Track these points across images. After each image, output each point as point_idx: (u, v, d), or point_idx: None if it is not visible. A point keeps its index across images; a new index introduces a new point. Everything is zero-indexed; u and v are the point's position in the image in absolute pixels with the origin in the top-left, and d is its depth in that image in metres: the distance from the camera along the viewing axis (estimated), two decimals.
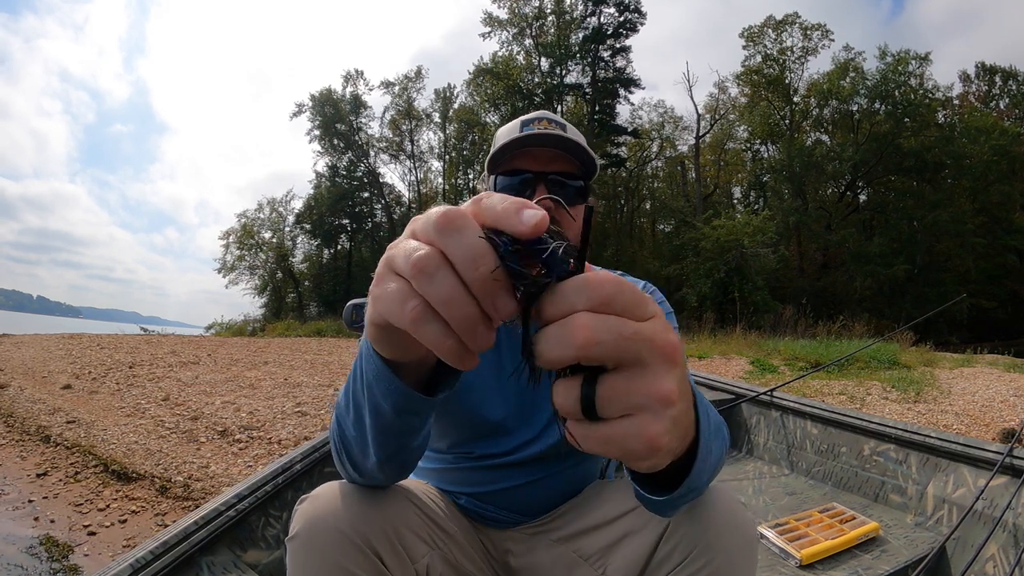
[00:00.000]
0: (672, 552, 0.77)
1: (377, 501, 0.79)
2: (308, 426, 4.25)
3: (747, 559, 0.77)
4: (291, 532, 0.75)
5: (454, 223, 0.37)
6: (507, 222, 0.36)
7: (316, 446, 1.70)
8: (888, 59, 25.78)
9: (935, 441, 1.89)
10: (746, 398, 2.72)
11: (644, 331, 0.36)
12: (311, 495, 0.79)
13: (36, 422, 4.16)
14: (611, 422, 0.36)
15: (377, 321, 0.44)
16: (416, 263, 0.37)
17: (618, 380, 0.36)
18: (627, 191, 32.15)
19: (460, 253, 0.36)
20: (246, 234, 29.02)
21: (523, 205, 0.37)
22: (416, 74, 31.54)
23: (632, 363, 0.36)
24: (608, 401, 0.36)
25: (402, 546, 0.78)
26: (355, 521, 0.74)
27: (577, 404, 0.36)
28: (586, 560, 0.91)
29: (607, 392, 0.36)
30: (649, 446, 0.36)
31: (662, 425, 0.36)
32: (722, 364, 8.51)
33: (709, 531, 0.75)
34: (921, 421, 4.96)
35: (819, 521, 1.80)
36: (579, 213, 1.02)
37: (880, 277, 23.22)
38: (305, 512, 0.76)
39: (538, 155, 1.03)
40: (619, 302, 0.36)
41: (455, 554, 0.90)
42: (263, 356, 8.70)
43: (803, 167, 25.97)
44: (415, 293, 0.37)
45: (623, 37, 28.16)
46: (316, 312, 26.36)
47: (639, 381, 0.36)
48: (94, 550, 2.40)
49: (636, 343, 0.36)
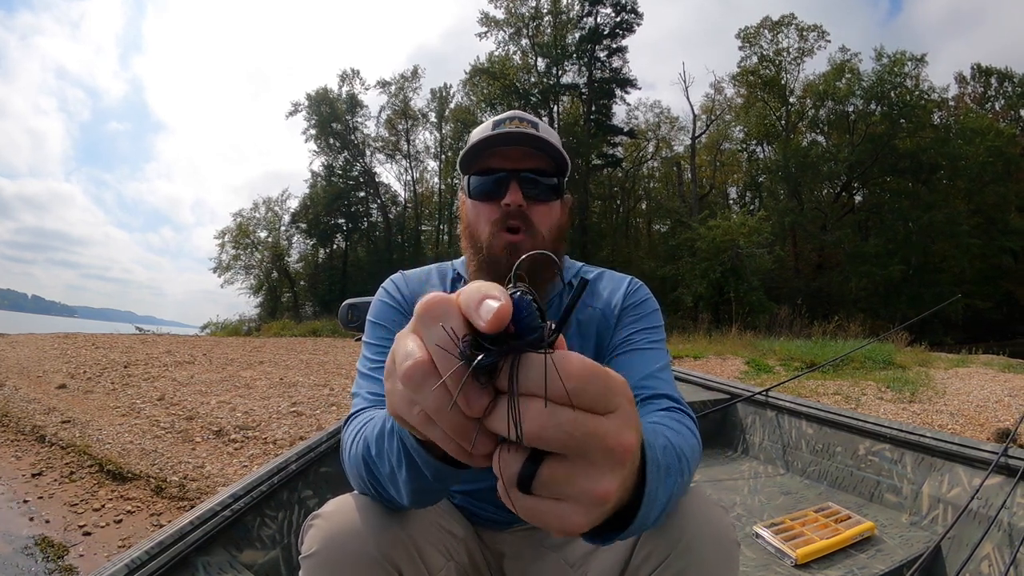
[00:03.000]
0: (648, 558, 0.76)
1: (395, 515, 0.77)
2: (304, 426, 4.24)
3: (725, 563, 0.75)
4: (307, 551, 0.73)
5: (431, 312, 0.37)
6: (471, 316, 0.35)
7: (312, 446, 1.70)
8: (884, 60, 25.91)
9: (930, 441, 1.90)
10: (741, 398, 2.73)
11: (599, 431, 0.35)
12: (325, 512, 0.77)
13: (31, 422, 4.14)
14: (542, 499, 0.36)
15: (395, 416, 0.43)
16: (404, 375, 0.36)
17: (560, 468, 0.35)
18: (623, 191, 32.21)
19: (432, 348, 0.36)
20: (242, 233, 28.97)
21: (484, 295, 0.35)
22: (412, 74, 31.59)
23: (578, 456, 0.35)
24: (545, 486, 0.36)
25: (422, 560, 0.78)
26: (377, 537, 0.73)
27: (514, 479, 0.36)
28: (571, 567, 0.90)
29: (546, 477, 0.35)
30: (568, 532, 0.37)
31: (588, 518, 0.37)
32: (718, 364, 8.53)
33: (684, 536, 0.74)
34: (916, 421, 4.98)
35: (814, 521, 1.80)
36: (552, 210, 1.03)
37: (875, 278, 23.31)
38: (322, 529, 0.74)
39: (510, 154, 1.02)
40: (584, 397, 0.34)
41: (464, 559, 0.90)
42: (258, 356, 8.68)
43: (799, 168, 26.06)
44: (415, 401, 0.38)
45: (619, 37, 28.23)
46: (312, 312, 26.32)
47: (580, 476, 0.36)
48: (89, 550, 2.39)
49: (588, 439, 0.35)
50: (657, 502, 0.52)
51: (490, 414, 0.35)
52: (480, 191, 1.03)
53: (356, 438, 0.76)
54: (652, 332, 1.02)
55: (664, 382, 0.92)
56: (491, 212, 1.01)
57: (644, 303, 1.07)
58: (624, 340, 1.01)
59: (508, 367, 0.34)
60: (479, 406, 0.35)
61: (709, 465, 2.53)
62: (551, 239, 1.03)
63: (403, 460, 0.61)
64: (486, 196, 1.02)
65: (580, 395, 0.34)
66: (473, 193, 1.04)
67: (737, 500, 2.11)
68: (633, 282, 1.12)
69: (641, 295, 1.09)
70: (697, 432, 0.79)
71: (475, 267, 1.04)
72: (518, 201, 0.99)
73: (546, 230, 1.02)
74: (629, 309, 1.05)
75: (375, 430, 0.69)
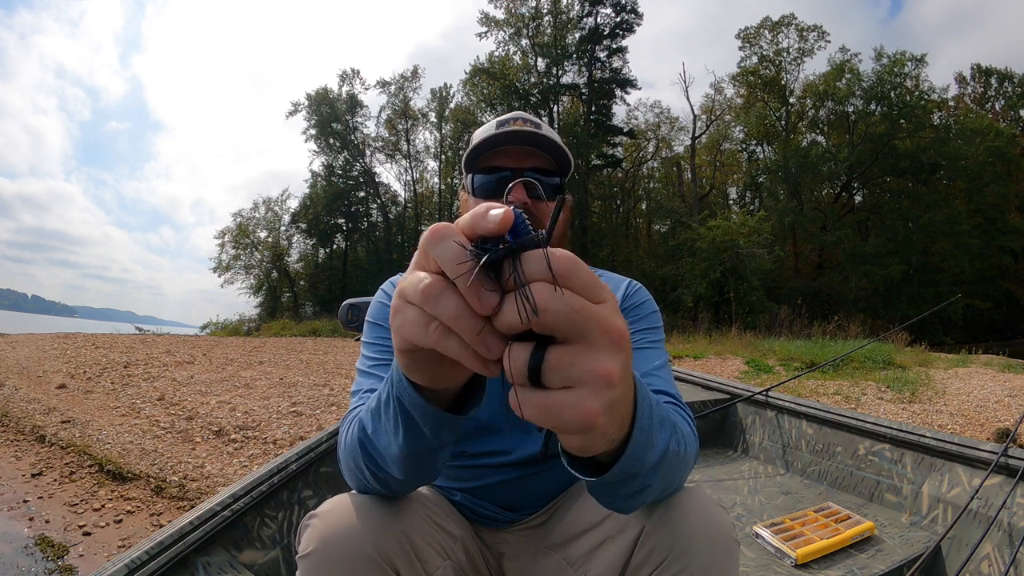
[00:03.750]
0: (648, 557, 0.76)
1: (392, 514, 0.77)
2: (304, 426, 4.24)
3: (725, 563, 0.76)
4: (304, 550, 0.73)
5: (437, 233, 0.40)
6: (478, 226, 0.39)
7: (311, 446, 1.70)
8: (884, 60, 25.90)
9: (930, 441, 1.90)
10: (742, 398, 2.73)
11: (594, 311, 0.39)
12: (321, 512, 0.77)
13: (31, 422, 4.14)
14: (552, 391, 0.39)
15: (405, 347, 0.46)
16: (424, 290, 0.40)
17: (565, 352, 0.38)
18: (623, 191, 32.21)
19: (442, 260, 0.40)
20: (242, 233, 28.95)
21: (488, 207, 0.40)
22: (412, 73, 31.59)
23: (580, 339, 0.39)
24: (553, 369, 0.38)
25: (418, 559, 0.78)
26: (373, 536, 0.73)
27: (525, 368, 0.39)
28: (571, 566, 0.91)
29: (554, 361, 0.38)
30: (583, 420, 0.39)
31: (599, 403, 0.39)
32: (718, 364, 8.53)
33: (683, 536, 0.74)
34: (916, 421, 4.98)
35: (814, 520, 1.80)
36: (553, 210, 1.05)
37: (875, 278, 23.30)
38: (318, 529, 0.74)
39: (513, 153, 1.04)
40: (575, 279, 0.39)
41: (461, 559, 0.89)
42: (258, 356, 8.68)
43: (799, 168, 26.05)
44: (432, 316, 0.40)
45: (620, 37, 28.21)
46: (311, 312, 26.30)
47: (584, 357, 0.39)
48: (89, 550, 2.39)
49: (586, 319, 0.38)
50: (650, 441, 0.55)
51: (499, 311, 0.38)
52: (483, 189, 1.05)
53: (351, 426, 0.78)
54: (651, 332, 1.04)
55: (663, 380, 0.93)
56: None
57: (643, 304, 1.09)
58: None
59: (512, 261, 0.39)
60: (490, 304, 0.38)
61: (709, 465, 2.53)
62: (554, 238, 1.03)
63: (400, 423, 0.63)
64: (489, 194, 1.04)
65: (572, 277, 0.38)
66: (476, 191, 1.05)
67: (737, 500, 2.11)
68: (632, 284, 1.13)
69: (640, 296, 1.11)
70: (695, 429, 0.80)
71: None
72: (522, 199, 1.00)
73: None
74: (628, 310, 1.07)
75: (370, 408, 0.71)
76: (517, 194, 1.00)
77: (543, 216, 1.03)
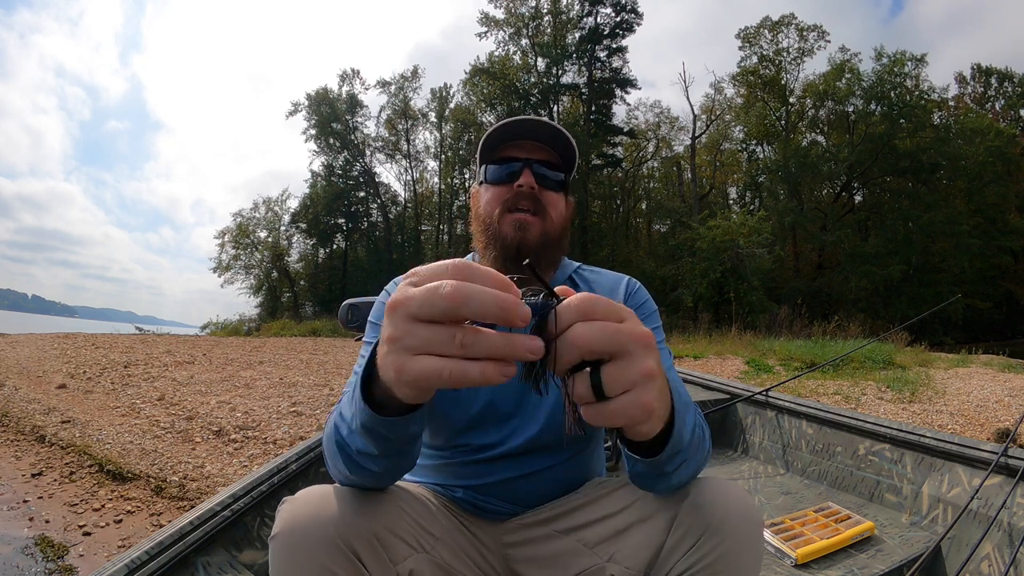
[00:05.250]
0: (684, 537, 0.81)
1: (360, 504, 0.79)
2: (304, 426, 4.24)
3: (754, 542, 0.81)
4: (273, 532, 0.76)
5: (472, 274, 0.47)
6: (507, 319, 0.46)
7: (311, 446, 1.70)
8: (884, 60, 25.88)
9: (930, 441, 1.90)
10: (741, 398, 2.73)
11: (624, 329, 0.50)
12: (293, 497, 0.79)
13: (31, 422, 4.14)
14: (615, 399, 0.50)
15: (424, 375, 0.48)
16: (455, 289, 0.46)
17: (615, 368, 0.49)
18: (623, 191, 32.20)
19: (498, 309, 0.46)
20: (242, 233, 28.94)
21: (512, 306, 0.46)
22: (412, 73, 31.58)
23: (622, 353, 0.50)
24: (612, 383, 0.49)
25: (383, 548, 0.78)
26: (336, 522, 0.75)
27: (590, 390, 0.50)
28: (591, 548, 0.92)
29: (609, 377, 0.49)
30: (645, 410, 0.50)
31: (652, 394, 0.50)
32: (718, 364, 8.53)
33: (716, 516, 0.80)
34: (916, 421, 4.98)
35: (814, 520, 1.80)
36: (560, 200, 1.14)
37: (875, 278, 23.29)
38: (287, 512, 0.76)
39: (525, 146, 1.12)
40: (598, 311, 0.50)
41: (443, 556, 0.89)
42: (258, 356, 8.68)
43: (799, 168, 26.04)
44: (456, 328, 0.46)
45: (620, 37, 28.19)
46: (312, 312, 26.30)
47: (630, 365, 0.50)
48: (89, 550, 2.39)
49: (621, 337, 0.49)
50: (686, 424, 0.71)
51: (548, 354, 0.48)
52: (495, 177, 1.12)
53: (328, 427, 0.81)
54: (655, 332, 1.05)
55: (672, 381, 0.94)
56: (504, 193, 1.10)
57: (644, 304, 1.13)
58: None
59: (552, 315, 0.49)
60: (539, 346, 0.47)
61: (709, 465, 2.52)
62: (558, 225, 1.12)
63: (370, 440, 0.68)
64: (500, 181, 1.12)
65: (596, 311, 0.49)
66: (489, 179, 1.13)
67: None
68: (631, 282, 1.17)
69: (641, 296, 1.14)
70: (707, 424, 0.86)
71: (483, 244, 1.12)
72: (531, 183, 1.08)
73: (555, 216, 1.11)
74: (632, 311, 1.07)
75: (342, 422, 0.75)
76: (526, 179, 1.08)
77: (547, 202, 1.10)
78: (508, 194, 1.09)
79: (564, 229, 1.14)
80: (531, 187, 1.08)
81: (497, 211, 1.09)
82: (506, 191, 1.10)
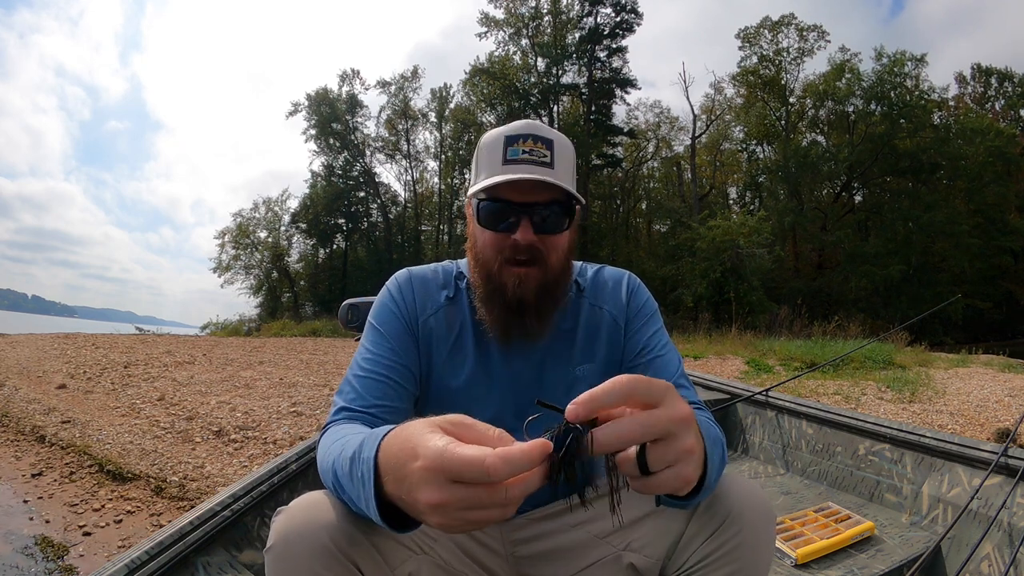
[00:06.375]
0: (703, 527, 0.85)
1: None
2: (304, 426, 4.24)
3: (769, 536, 0.86)
4: (268, 544, 0.74)
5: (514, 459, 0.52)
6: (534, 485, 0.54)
7: (311, 446, 1.70)
8: (884, 60, 25.88)
9: (930, 441, 1.90)
10: (741, 398, 2.73)
11: (662, 415, 0.56)
12: (288, 507, 0.78)
13: (31, 422, 4.14)
14: (658, 474, 0.57)
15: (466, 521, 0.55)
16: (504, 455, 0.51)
17: (658, 448, 0.57)
18: (623, 191, 32.21)
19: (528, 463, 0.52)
20: (242, 233, 28.95)
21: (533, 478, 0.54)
22: (412, 74, 31.57)
23: (662, 435, 0.56)
24: (656, 462, 0.57)
25: (380, 553, 0.77)
26: (331, 530, 0.73)
27: (636, 469, 0.57)
28: (603, 539, 0.94)
29: (654, 456, 0.57)
30: (686, 482, 0.59)
31: (691, 468, 0.59)
32: (718, 364, 8.53)
33: (735, 508, 0.83)
34: (916, 421, 4.98)
35: (814, 520, 1.80)
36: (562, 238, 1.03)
37: (875, 278, 23.29)
38: (281, 523, 0.75)
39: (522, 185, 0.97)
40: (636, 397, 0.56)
41: (443, 556, 0.89)
42: (258, 356, 8.67)
43: (799, 168, 26.05)
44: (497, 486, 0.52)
45: (619, 37, 28.20)
46: (311, 312, 26.27)
47: (672, 445, 0.57)
48: (89, 550, 2.39)
49: (659, 424, 0.56)
50: (715, 467, 0.74)
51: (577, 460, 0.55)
52: (489, 221, 0.99)
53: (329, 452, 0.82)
54: (661, 333, 1.09)
55: (685, 389, 0.99)
56: (500, 242, 0.98)
57: (645, 304, 1.12)
58: (642, 349, 1.06)
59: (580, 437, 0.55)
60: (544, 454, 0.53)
61: None
62: (559, 268, 1.01)
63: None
64: (495, 227, 0.99)
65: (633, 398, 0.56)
66: (482, 220, 1.00)
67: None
68: (632, 279, 1.15)
69: (641, 295, 1.13)
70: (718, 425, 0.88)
71: (482, 293, 1.02)
72: (529, 239, 0.96)
73: (555, 260, 1.00)
74: (636, 316, 1.10)
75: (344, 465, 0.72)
76: (524, 234, 0.96)
77: (550, 249, 0.98)
78: (505, 243, 0.97)
79: (565, 267, 1.03)
80: (529, 242, 0.96)
81: (496, 262, 0.98)
82: (503, 239, 0.97)
